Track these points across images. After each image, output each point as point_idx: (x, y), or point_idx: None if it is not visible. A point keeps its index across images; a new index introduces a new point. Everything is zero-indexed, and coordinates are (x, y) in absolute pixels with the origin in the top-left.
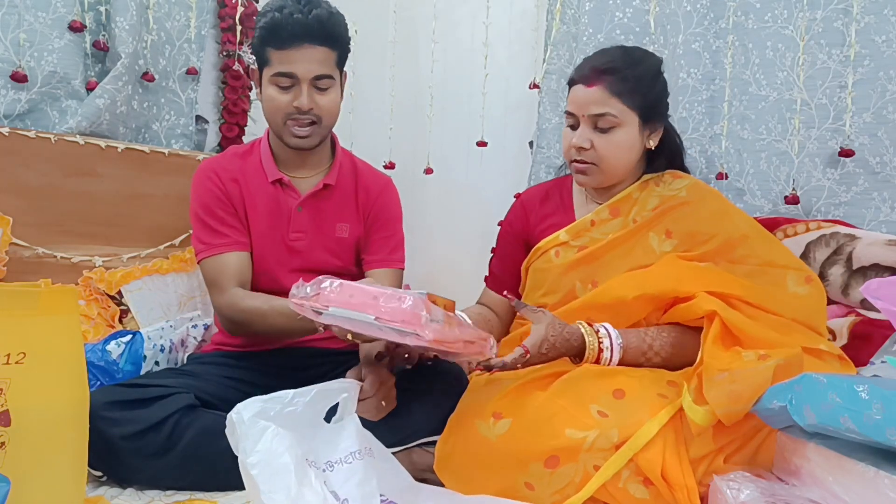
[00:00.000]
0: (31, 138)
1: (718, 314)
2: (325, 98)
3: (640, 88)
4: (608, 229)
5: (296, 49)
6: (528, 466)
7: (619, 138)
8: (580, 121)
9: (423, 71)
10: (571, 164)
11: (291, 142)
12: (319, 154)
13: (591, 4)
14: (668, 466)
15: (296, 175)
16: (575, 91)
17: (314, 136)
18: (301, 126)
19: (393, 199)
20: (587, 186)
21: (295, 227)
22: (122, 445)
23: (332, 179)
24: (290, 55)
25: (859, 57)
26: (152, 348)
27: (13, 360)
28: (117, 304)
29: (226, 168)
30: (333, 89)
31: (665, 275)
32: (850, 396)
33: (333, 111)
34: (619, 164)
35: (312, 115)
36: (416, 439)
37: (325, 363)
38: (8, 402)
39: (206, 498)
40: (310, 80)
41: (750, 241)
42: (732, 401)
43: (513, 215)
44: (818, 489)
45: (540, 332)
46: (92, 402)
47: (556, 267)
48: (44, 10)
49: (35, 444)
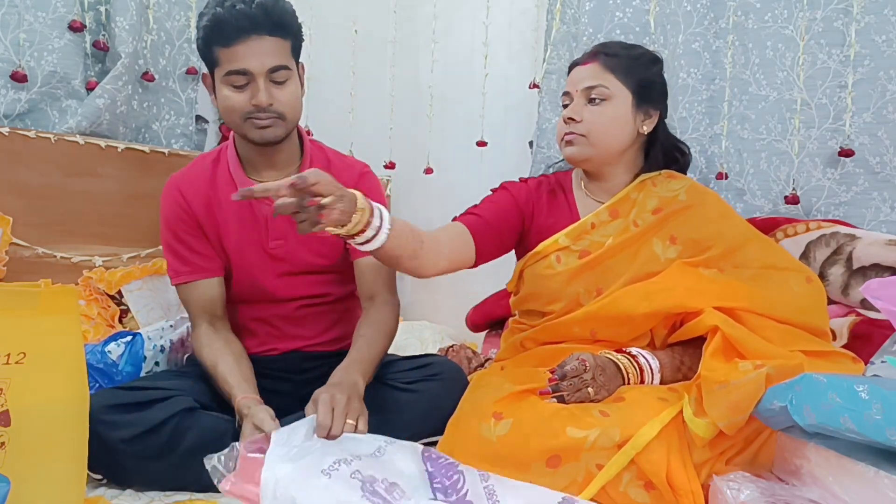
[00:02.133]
0: (31, 138)
1: (720, 329)
2: (283, 91)
3: (635, 67)
4: (608, 231)
5: (243, 43)
6: (530, 466)
7: (609, 111)
8: (574, 97)
9: (423, 71)
10: (562, 140)
11: (255, 135)
12: (286, 152)
13: (591, 4)
14: (672, 471)
15: (265, 178)
16: (573, 72)
17: (277, 128)
18: (262, 120)
19: (372, 184)
20: (575, 161)
21: (273, 235)
22: (123, 448)
23: None
24: (239, 51)
25: (859, 57)
26: (152, 349)
27: (13, 360)
28: (117, 304)
29: (192, 183)
30: (292, 81)
31: (673, 288)
32: (850, 396)
33: (295, 104)
34: (609, 138)
35: (273, 111)
36: (418, 440)
37: (324, 365)
38: (8, 402)
39: (205, 498)
40: (265, 74)
41: (751, 245)
42: (733, 412)
43: (519, 190)
44: (818, 489)
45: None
46: (92, 405)
47: (559, 275)
48: (44, 10)
49: (35, 444)
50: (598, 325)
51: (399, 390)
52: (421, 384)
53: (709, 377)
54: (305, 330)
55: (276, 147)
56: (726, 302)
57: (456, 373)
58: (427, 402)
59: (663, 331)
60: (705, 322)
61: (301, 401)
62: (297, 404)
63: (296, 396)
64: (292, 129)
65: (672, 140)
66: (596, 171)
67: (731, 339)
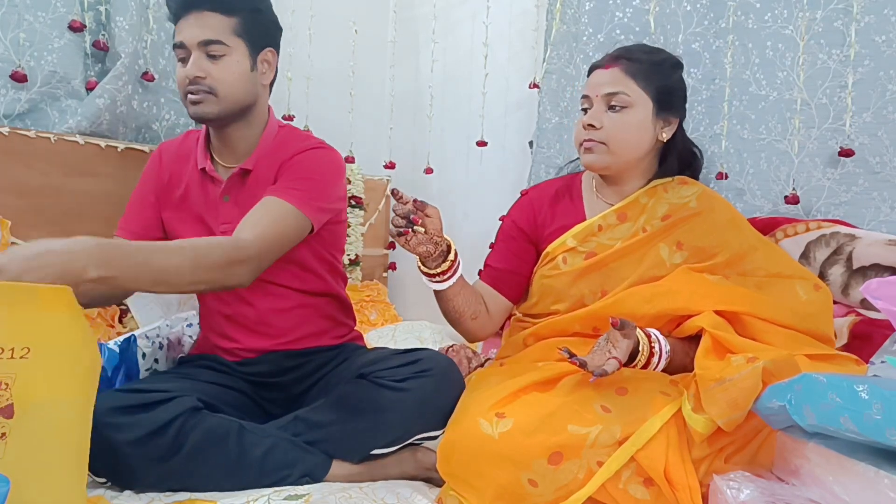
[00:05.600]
0: (31, 138)
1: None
2: (216, 66)
3: (657, 73)
4: (616, 234)
5: (185, 18)
6: (532, 463)
7: (631, 118)
8: (594, 102)
9: (423, 71)
10: (580, 146)
11: (190, 111)
12: (244, 137)
13: (591, 4)
14: (670, 466)
15: (223, 163)
16: (593, 75)
17: (208, 104)
18: (195, 94)
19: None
20: (594, 168)
21: (223, 218)
22: (128, 451)
23: (251, 164)
24: (182, 25)
25: (859, 57)
26: (150, 346)
27: (18, 355)
28: (117, 304)
29: (173, 149)
30: (229, 58)
31: (677, 291)
32: (850, 396)
33: (229, 80)
34: (628, 147)
35: (205, 84)
36: (413, 435)
37: (308, 362)
38: (13, 397)
39: (205, 498)
40: (197, 47)
41: (757, 254)
42: (731, 409)
43: (519, 212)
44: (818, 489)
45: (630, 344)
46: (95, 408)
47: (564, 275)
48: (44, 10)
49: (37, 440)
50: (601, 324)
51: (389, 389)
52: (411, 381)
53: (704, 375)
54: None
55: (227, 129)
56: (729, 305)
57: (447, 368)
58: (418, 399)
59: (665, 334)
60: (696, 323)
61: (293, 401)
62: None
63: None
64: (231, 108)
65: (688, 145)
66: (612, 177)
67: (720, 340)
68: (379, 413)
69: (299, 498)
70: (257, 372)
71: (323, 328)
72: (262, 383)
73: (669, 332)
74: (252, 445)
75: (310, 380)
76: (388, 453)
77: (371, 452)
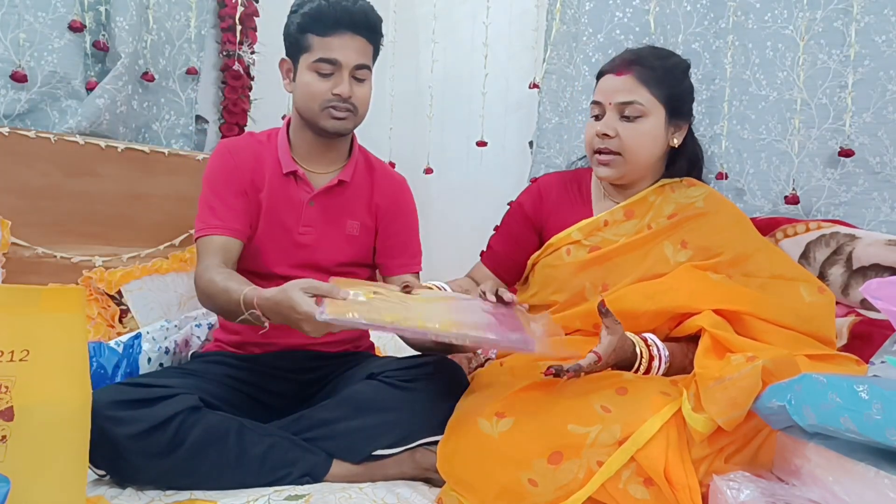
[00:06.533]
0: (31, 138)
1: (706, 329)
2: (362, 89)
3: (669, 80)
4: (621, 231)
5: (339, 36)
6: (532, 463)
7: (645, 128)
8: (606, 110)
9: (423, 71)
10: (594, 155)
11: (329, 124)
12: (339, 149)
13: (591, 4)
14: (670, 466)
15: (311, 169)
16: (603, 80)
17: (349, 121)
18: (339, 111)
19: (409, 200)
20: (609, 180)
21: (305, 221)
22: (128, 445)
23: (348, 176)
24: (334, 42)
25: (859, 57)
26: (157, 350)
27: (17, 358)
28: (117, 304)
29: (244, 148)
30: (368, 82)
31: (678, 289)
32: (850, 396)
33: (367, 103)
34: (643, 156)
35: (350, 103)
36: (417, 439)
37: (327, 365)
38: (13, 400)
39: (205, 498)
40: (350, 69)
41: (761, 255)
42: (730, 407)
43: (527, 198)
44: (818, 489)
45: (613, 340)
46: (96, 401)
47: (566, 265)
48: (44, 10)
49: (37, 442)
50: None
51: (397, 388)
52: (417, 383)
53: (703, 374)
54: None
55: (336, 141)
56: (731, 305)
57: (454, 371)
58: (424, 399)
59: (666, 331)
60: (696, 322)
61: (302, 402)
62: (298, 405)
63: (297, 398)
64: (358, 125)
65: (696, 147)
66: (623, 183)
67: (720, 339)
68: (385, 411)
69: (300, 498)
70: (279, 366)
71: (353, 334)
72: (278, 377)
73: (670, 329)
74: (252, 444)
75: (322, 382)
76: (389, 455)
77: (373, 453)
